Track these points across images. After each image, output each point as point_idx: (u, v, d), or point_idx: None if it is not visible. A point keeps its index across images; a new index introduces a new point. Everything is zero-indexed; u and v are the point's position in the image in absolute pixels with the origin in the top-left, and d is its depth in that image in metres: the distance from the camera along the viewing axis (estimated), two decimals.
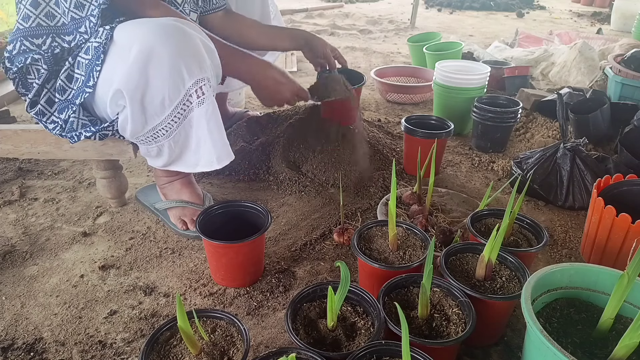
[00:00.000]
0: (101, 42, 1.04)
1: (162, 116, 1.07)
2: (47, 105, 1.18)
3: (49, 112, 1.18)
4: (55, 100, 1.17)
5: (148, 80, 1.02)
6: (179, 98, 1.05)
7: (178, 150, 1.16)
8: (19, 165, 1.73)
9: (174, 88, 1.04)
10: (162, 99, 1.05)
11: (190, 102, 1.07)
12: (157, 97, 1.04)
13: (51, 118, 1.19)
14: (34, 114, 1.18)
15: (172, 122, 1.09)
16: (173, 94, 1.04)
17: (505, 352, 1.02)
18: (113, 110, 1.11)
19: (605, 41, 3.38)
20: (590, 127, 1.84)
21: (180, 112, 1.08)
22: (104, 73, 1.06)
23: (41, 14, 1.07)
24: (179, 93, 1.05)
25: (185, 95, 1.06)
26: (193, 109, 1.08)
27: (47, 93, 1.16)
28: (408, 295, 0.97)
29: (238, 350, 0.83)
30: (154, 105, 1.06)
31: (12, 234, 1.37)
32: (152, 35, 1.00)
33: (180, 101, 1.06)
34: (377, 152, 1.75)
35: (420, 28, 4.58)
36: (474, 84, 1.96)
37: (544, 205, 1.56)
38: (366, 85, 2.81)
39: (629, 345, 0.74)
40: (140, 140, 1.16)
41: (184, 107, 1.07)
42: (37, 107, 1.17)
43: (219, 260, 1.14)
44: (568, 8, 6.03)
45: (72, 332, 1.05)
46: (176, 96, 1.05)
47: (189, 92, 1.05)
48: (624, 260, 1.17)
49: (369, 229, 1.16)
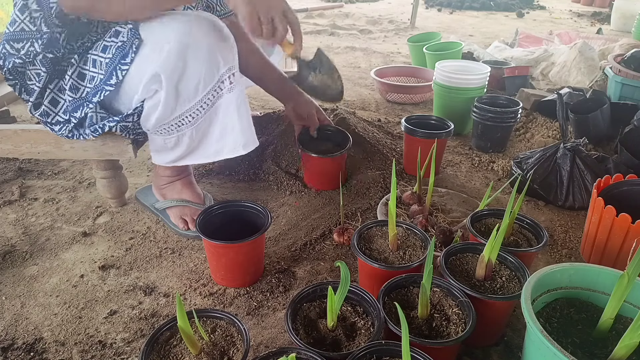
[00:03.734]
0: (125, 40, 1.05)
1: (193, 102, 1.10)
2: (51, 106, 1.18)
3: (53, 112, 1.19)
4: (59, 100, 1.18)
5: (186, 63, 1.04)
6: (212, 83, 1.08)
7: (198, 139, 1.18)
8: (19, 165, 1.73)
9: (209, 73, 1.07)
10: (196, 84, 1.07)
11: (221, 89, 1.10)
12: (192, 81, 1.07)
13: (56, 118, 1.20)
14: (39, 115, 1.19)
15: (200, 108, 1.11)
16: (208, 78, 1.07)
17: (505, 352, 1.02)
18: (141, 97, 1.11)
19: (605, 41, 3.38)
20: (590, 127, 1.84)
21: (210, 98, 1.10)
22: (135, 66, 1.07)
23: (26, 19, 1.08)
24: (212, 78, 1.08)
25: (218, 82, 1.09)
26: (222, 96, 1.11)
27: (51, 93, 1.17)
28: (408, 295, 0.97)
29: (238, 350, 0.83)
30: (188, 90, 1.08)
31: (12, 234, 1.37)
32: (189, 24, 1.04)
33: (213, 87, 1.09)
34: (377, 152, 1.75)
35: (420, 28, 4.58)
36: (474, 84, 1.96)
37: (544, 205, 1.56)
38: (366, 85, 2.82)
39: (629, 345, 0.74)
40: (163, 129, 1.16)
41: (214, 94, 1.10)
42: (41, 108, 1.18)
43: (219, 260, 1.14)
44: (568, 8, 6.03)
45: (72, 332, 1.05)
46: (210, 81, 1.08)
47: (222, 77, 1.09)
48: (624, 260, 1.17)
49: (369, 229, 1.16)
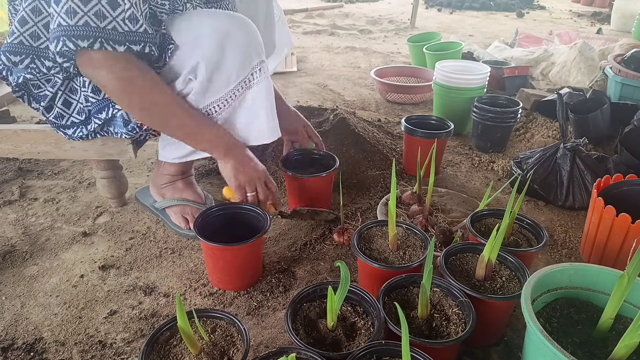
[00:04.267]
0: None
1: (223, 92, 1.12)
2: (65, 107, 1.19)
3: (67, 113, 1.20)
4: (71, 101, 1.18)
5: (224, 54, 1.07)
6: (244, 75, 1.11)
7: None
8: (19, 165, 1.73)
9: (242, 64, 1.10)
10: (229, 75, 1.09)
11: (250, 81, 1.13)
12: (226, 71, 1.09)
13: (70, 119, 1.20)
14: (53, 117, 1.20)
15: (229, 98, 1.13)
16: (241, 69, 1.10)
17: (505, 352, 1.02)
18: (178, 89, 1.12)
19: (605, 41, 3.38)
20: (590, 127, 1.84)
21: (239, 89, 1.13)
22: (175, 60, 1.08)
23: (26, 33, 1.07)
24: (244, 70, 1.11)
25: (249, 74, 1.11)
26: (251, 87, 1.13)
27: (63, 95, 1.17)
28: (408, 295, 0.97)
29: (238, 350, 0.83)
30: (220, 80, 1.10)
31: (12, 234, 1.37)
32: (224, 18, 1.08)
33: (243, 79, 1.11)
34: (377, 152, 1.75)
35: (420, 28, 4.58)
36: (474, 84, 1.96)
37: (544, 205, 1.56)
38: (366, 85, 2.82)
39: (629, 345, 0.74)
40: None
41: (243, 85, 1.12)
42: (55, 110, 1.19)
43: (216, 263, 1.14)
44: (568, 8, 6.03)
45: (72, 332, 1.05)
46: (242, 72, 1.10)
47: (253, 69, 1.12)
48: (624, 260, 1.17)
49: (369, 229, 1.16)
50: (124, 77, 1.00)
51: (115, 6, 0.94)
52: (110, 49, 0.95)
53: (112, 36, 0.94)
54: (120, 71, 0.99)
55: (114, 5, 0.94)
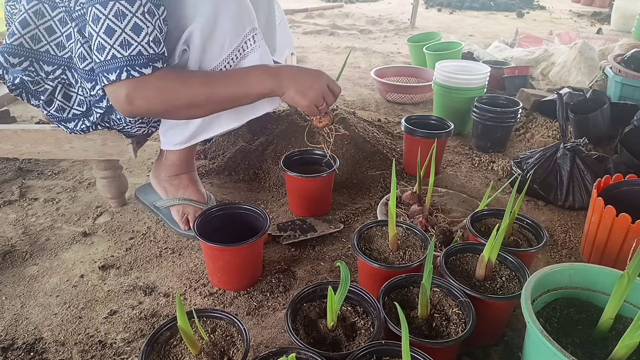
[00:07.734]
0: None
1: (217, 61, 1.10)
2: (65, 100, 1.18)
3: (67, 106, 1.19)
4: (71, 94, 1.17)
5: (217, 20, 1.06)
6: (237, 42, 1.10)
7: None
8: (19, 165, 1.73)
9: (236, 31, 1.08)
10: (222, 42, 1.08)
11: (244, 49, 1.11)
12: (219, 38, 1.08)
13: (72, 112, 1.19)
14: (54, 111, 1.18)
15: (223, 68, 1.12)
16: (234, 37, 1.09)
17: (505, 352, 1.02)
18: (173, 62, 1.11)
19: (605, 41, 3.38)
20: (590, 127, 1.84)
21: (234, 58, 1.12)
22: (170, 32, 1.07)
23: (26, 35, 1.07)
24: (238, 37, 1.09)
25: (242, 41, 1.10)
26: (246, 56, 1.12)
27: (62, 88, 1.16)
28: (408, 295, 0.97)
29: (238, 350, 0.83)
30: (213, 49, 1.09)
31: (12, 234, 1.37)
32: None
33: (237, 47, 1.10)
34: (377, 152, 1.75)
35: (420, 28, 4.58)
36: (474, 84, 1.96)
37: (544, 205, 1.56)
38: (366, 85, 2.83)
39: (629, 345, 0.74)
40: None
41: (237, 54, 1.11)
42: (55, 104, 1.17)
43: (216, 263, 1.14)
44: (568, 8, 6.03)
45: (72, 332, 1.05)
46: (235, 40, 1.09)
47: (246, 37, 1.11)
48: (624, 260, 1.17)
49: (369, 229, 1.16)
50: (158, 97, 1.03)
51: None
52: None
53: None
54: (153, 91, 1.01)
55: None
